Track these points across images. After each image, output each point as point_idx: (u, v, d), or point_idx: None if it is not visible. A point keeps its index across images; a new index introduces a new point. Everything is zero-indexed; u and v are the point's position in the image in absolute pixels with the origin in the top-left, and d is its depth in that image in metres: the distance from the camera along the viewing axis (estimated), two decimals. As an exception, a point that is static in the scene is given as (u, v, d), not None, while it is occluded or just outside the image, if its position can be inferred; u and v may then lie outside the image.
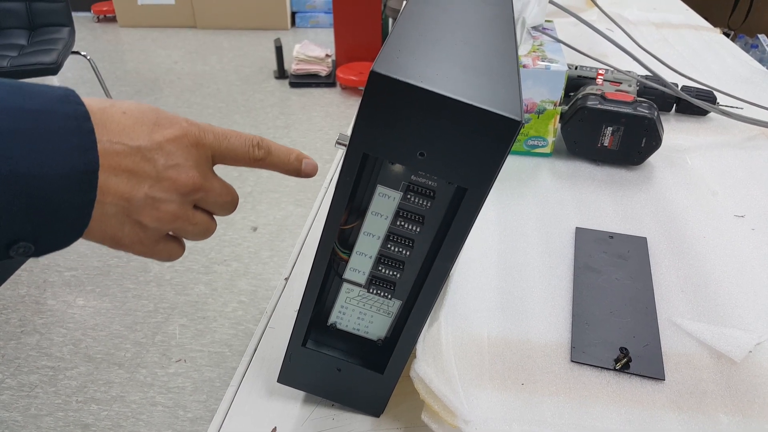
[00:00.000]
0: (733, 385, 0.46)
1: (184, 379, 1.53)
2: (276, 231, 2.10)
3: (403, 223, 0.36)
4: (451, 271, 0.38)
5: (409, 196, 0.35)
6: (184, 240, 0.39)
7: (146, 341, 1.64)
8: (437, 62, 0.32)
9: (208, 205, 0.37)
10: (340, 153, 0.82)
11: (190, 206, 0.36)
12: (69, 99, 0.30)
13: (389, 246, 0.37)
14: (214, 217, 0.39)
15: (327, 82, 3.23)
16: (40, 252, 0.31)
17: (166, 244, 0.37)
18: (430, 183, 0.34)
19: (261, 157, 0.38)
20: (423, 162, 0.32)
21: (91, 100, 0.32)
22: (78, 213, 0.30)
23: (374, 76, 0.29)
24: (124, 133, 0.32)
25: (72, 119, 0.29)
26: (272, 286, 1.85)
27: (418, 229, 0.36)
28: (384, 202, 0.35)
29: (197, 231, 0.37)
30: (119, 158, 0.31)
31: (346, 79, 3.10)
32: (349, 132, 0.37)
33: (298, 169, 0.40)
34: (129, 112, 0.33)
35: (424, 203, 0.35)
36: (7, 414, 1.44)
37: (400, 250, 0.37)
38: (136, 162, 0.32)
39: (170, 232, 0.37)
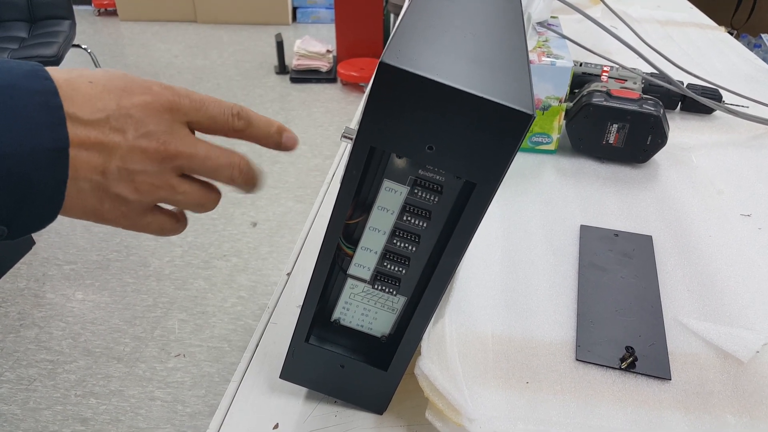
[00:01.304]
0: (740, 386, 0.45)
1: (183, 373, 1.52)
2: (275, 227, 2.10)
3: (409, 218, 0.35)
4: (457, 268, 0.38)
5: (416, 191, 0.34)
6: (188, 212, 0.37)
7: (145, 336, 1.64)
8: (446, 55, 0.31)
9: (198, 172, 0.35)
10: (343, 148, 0.81)
11: (172, 174, 0.34)
12: (37, 74, 0.29)
13: (395, 241, 0.37)
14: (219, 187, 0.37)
15: (328, 77, 3.22)
16: (15, 234, 0.30)
17: (155, 217, 0.35)
18: (437, 178, 0.34)
19: (241, 127, 0.36)
20: (431, 156, 0.31)
21: (59, 71, 0.30)
22: (51, 192, 0.29)
23: (383, 67, 0.28)
24: (91, 103, 0.30)
25: (40, 95, 0.28)
26: (272, 281, 1.85)
27: (424, 225, 0.35)
28: (390, 197, 0.35)
29: (189, 201, 0.35)
30: (87, 130, 0.30)
31: (347, 75, 3.09)
32: (353, 126, 0.36)
33: (279, 141, 0.38)
34: (96, 81, 0.31)
35: (432, 198, 0.34)
36: (6, 407, 1.43)
37: (406, 245, 0.37)
38: (105, 133, 0.31)
39: (160, 204, 0.35)
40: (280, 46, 3.21)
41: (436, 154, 0.31)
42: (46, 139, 0.28)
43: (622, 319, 0.51)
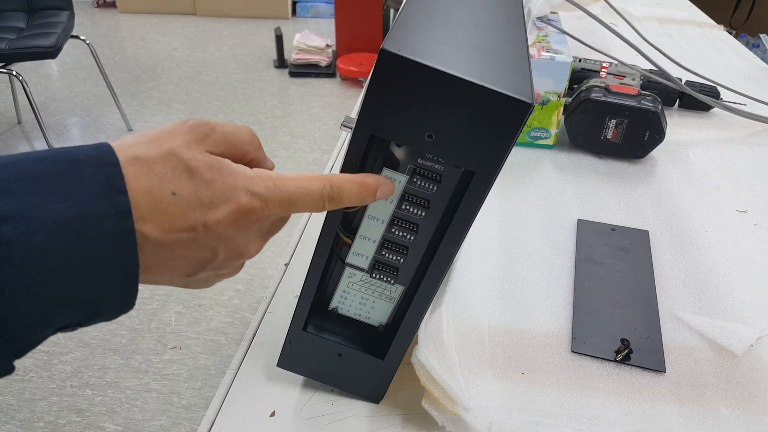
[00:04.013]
0: (734, 379, 0.45)
1: (179, 366, 1.53)
2: (273, 220, 2.09)
3: (408, 207, 0.35)
4: (455, 258, 0.38)
5: (415, 180, 0.34)
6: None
7: (141, 328, 1.64)
8: (447, 44, 0.31)
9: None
10: (341, 141, 0.81)
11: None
12: (110, 187, 0.25)
13: (393, 230, 0.37)
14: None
15: (327, 72, 3.21)
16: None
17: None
18: (436, 167, 0.34)
19: (334, 207, 0.33)
20: (430, 144, 0.31)
21: (139, 175, 0.27)
22: (120, 307, 0.28)
23: (384, 54, 0.28)
24: (174, 223, 0.28)
25: (112, 219, 0.25)
26: (269, 275, 1.85)
27: (423, 214, 0.36)
28: (389, 186, 0.35)
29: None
30: (169, 252, 0.28)
31: (347, 69, 3.09)
32: (354, 115, 0.36)
33: (374, 199, 0.34)
34: (180, 192, 0.27)
35: (430, 187, 0.34)
36: (1, 398, 1.43)
37: (404, 234, 0.37)
38: (191, 252, 0.29)
39: None
40: (279, 40, 3.20)
41: (435, 143, 0.31)
42: (116, 274, 0.26)
43: (617, 312, 0.51)
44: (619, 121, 0.72)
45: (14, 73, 2.09)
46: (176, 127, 0.29)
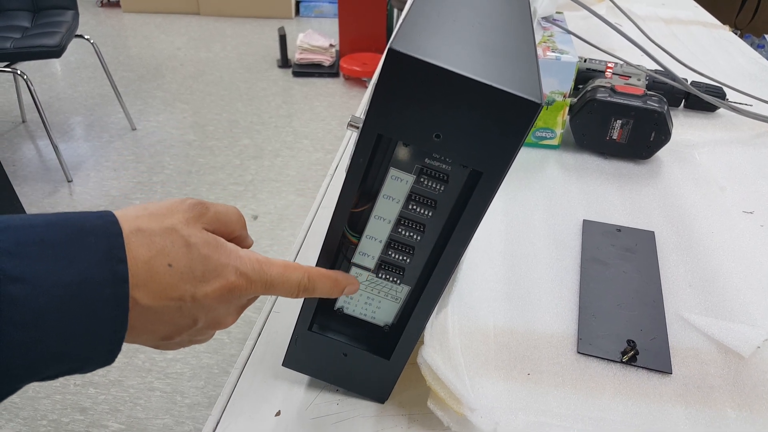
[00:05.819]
0: (741, 381, 0.45)
1: (183, 365, 1.53)
2: (277, 220, 2.10)
3: (414, 207, 0.35)
4: (461, 258, 0.38)
5: (422, 180, 0.34)
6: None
7: (145, 327, 1.64)
8: (454, 43, 0.31)
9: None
10: (346, 141, 0.81)
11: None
12: (111, 256, 0.27)
13: (400, 230, 0.37)
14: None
15: (330, 72, 3.21)
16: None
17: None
18: (443, 167, 0.34)
19: (305, 296, 0.37)
20: (438, 144, 0.31)
21: (139, 246, 0.29)
22: (103, 363, 0.29)
23: (392, 53, 0.28)
24: (165, 293, 0.30)
25: (110, 286, 0.27)
26: (272, 274, 1.84)
27: (429, 214, 0.36)
28: (396, 186, 0.35)
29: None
30: (154, 317, 0.30)
31: (350, 69, 3.09)
32: (358, 115, 0.36)
33: (340, 294, 0.39)
34: (176, 264, 0.30)
35: (437, 187, 0.34)
36: (5, 396, 1.43)
37: (411, 234, 0.37)
38: (174, 318, 0.31)
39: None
40: (282, 39, 3.20)
41: (443, 143, 0.31)
42: (106, 335, 0.28)
43: (623, 313, 0.51)
44: (624, 121, 0.71)
45: (19, 72, 2.10)
46: (176, 204, 0.32)
